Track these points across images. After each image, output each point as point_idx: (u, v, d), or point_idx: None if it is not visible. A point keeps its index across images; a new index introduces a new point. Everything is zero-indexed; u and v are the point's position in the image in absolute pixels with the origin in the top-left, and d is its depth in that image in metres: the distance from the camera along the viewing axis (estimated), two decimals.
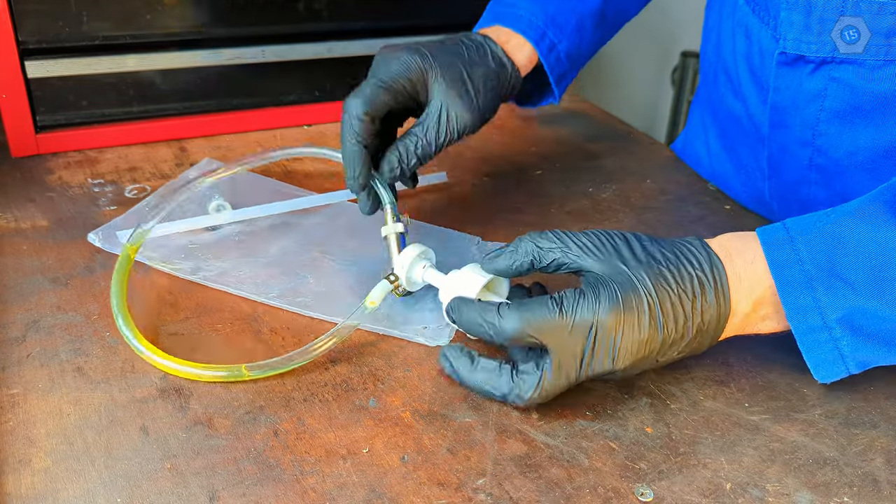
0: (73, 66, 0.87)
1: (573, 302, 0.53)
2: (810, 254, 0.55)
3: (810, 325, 0.56)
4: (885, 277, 0.54)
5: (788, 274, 0.55)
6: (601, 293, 0.53)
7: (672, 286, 0.54)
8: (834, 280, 0.54)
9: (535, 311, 0.53)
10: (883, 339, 0.55)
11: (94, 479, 0.50)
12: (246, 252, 0.73)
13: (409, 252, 0.64)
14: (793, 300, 0.55)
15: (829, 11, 0.66)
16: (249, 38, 0.94)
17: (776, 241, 0.56)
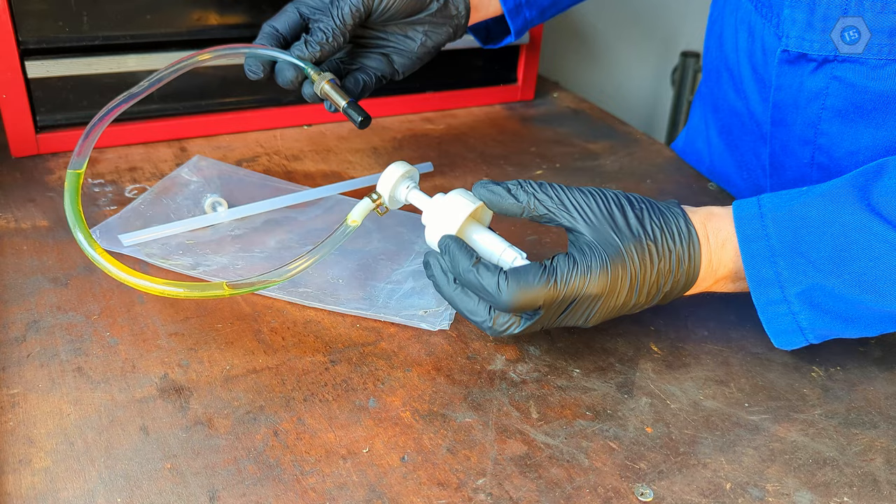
0: (73, 66, 0.87)
1: (566, 274, 0.54)
2: (777, 230, 0.57)
3: (771, 297, 0.57)
4: (844, 258, 0.55)
5: (755, 247, 0.57)
6: (592, 265, 0.55)
7: (655, 261, 0.56)
8: (797, 257, 0.56)
9: (531, 285, 0.53)
10: (840, 316, 0.57)
11: (94, 479, 0.50)
12: (244, 246, 0.73)
13: (393, 170, 0.62)
14: (756, 272, 0.57)
15: (832, 10, 0.66)
16: (249, 38, 0.94)
17: (748, 215, 0.58)
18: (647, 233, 0.56)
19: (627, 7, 1.60)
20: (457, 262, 0.55)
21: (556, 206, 0.57)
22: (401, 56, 0.74)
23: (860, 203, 0.55)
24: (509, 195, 0.57)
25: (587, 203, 0.57)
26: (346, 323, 0.65)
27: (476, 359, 0.62)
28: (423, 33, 0.73)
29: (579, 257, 0.55)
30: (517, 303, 0.53)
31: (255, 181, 0.84)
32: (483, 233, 0.59)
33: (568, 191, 0.57)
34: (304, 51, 0.68)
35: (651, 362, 0.63)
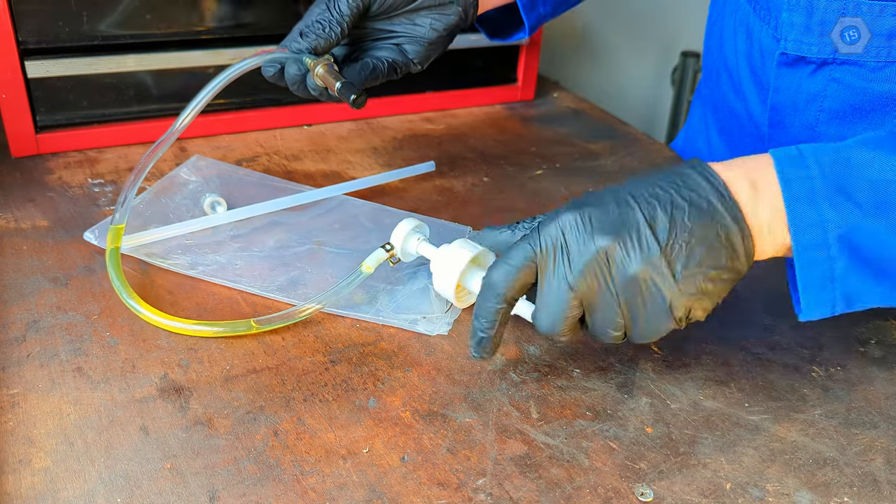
0: (73, 66, 0.87)
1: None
2: (820, 170, 0.54)
3: (811, 240, 0.53)
4: (890, 201, 0.52)
5: (796, 188, 0.54)
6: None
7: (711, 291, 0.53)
8: (840, 197, 0.53)
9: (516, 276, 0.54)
10: (876, 266, 0.54)
11: (94, 479, 0.50)
12: (243, 246, 0.73)
13: (404, 225, 0.66)
14: (798, 213, 0.53)
15: (831, 13, 0.66)
16: (249, 38, 0.94)
17: (788, 157, 0.55)
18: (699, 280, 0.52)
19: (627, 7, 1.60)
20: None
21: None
22: (412, 44, 0.72)
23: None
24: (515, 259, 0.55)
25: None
26: (346, 323, 0.65)
27: (476, 359, 0.62)
28: (430, 17, 0.72)
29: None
30: (506, 288, 0.54)
31: (255, 181, 0.84)
32: (482, 277, 0.62)
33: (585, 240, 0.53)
34: (300, 41, 0.67)
35: (651, 362, 0.63)
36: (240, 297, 0.67)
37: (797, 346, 0.66)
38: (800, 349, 0.65)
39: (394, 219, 0.78)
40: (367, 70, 0.71)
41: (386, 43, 0.72)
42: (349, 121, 1.03)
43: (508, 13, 0.82)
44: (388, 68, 0.71)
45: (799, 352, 0.65)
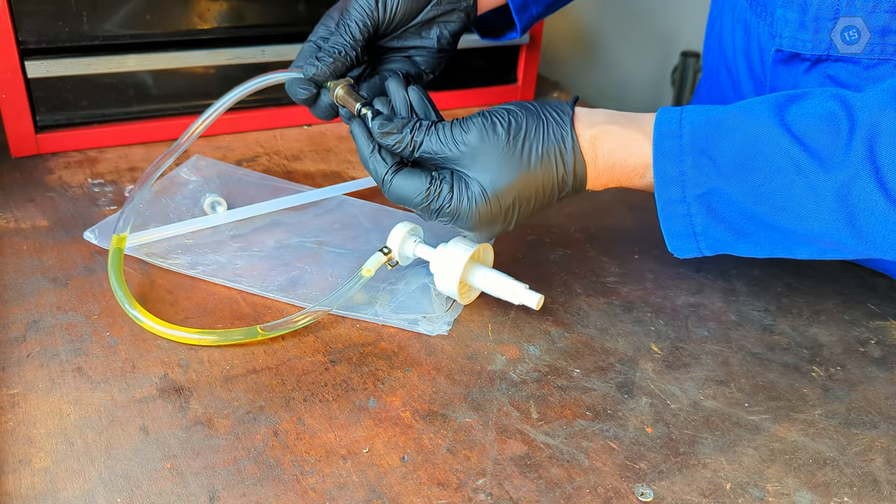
0: (73, 66, 0.87)
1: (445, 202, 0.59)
2: (690, 130, 0.58)
3: (671, 196, 0.58)
4: (747, 166, 0.55)
5: (666, 144, 0.58)
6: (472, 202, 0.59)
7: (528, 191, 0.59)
8: (703, 157, 0.57)
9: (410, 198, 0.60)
10: (733, 227, 0.58)
11: (94, 479, 0.50)
12: (243, 246, 0.73)
13: (399, 229, 0.67)
14: (662, 168, 0.58)
15: (825, 10, 0.66)
16: (249, 38, 0.94)
17: (668, 118, 0.59)
18: (527, 168, 0.58)
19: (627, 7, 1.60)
20: (358, 146, 0.62)
21: (435, 154, 0.59)
22: (422, 55, 0.73)
23: (774, 118, 0.56)
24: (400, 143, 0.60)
25: (466, 139, 0.59)
26: (346, 323, 0.65)
27: (476, 359, 0.62)
28: (437, 28, 0.73)
29: (458, 191, 0.59)
30: (394, 201, 0.61)
31: (254, 180, 0.84)
32: (485, 272, 0.65)
33: (448, 131, 0.59)
34: (317, 66, 0.67)
35: (651, 362, 0.63)
36: (240, 296, 0.67)
37: (797, 346, 0.66)
38: (800, 349, 0.65)
39: (393, 219, 0.78)
40: (383, 82, 0.71)
41: (398, 56, 0.73)
42: None
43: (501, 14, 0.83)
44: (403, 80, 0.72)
45: (799, 352, 0.65)
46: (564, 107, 0.61)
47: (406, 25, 0.71)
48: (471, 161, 0.59)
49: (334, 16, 0.69)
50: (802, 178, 0.54)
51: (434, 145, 0.59)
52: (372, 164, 0.61)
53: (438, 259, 0.65)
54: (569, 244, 0.78)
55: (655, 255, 0.77)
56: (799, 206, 0.55)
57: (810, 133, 0.54)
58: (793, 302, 0.71)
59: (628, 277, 0.73)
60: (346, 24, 0.68)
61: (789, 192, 0.55)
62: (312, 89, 0.68)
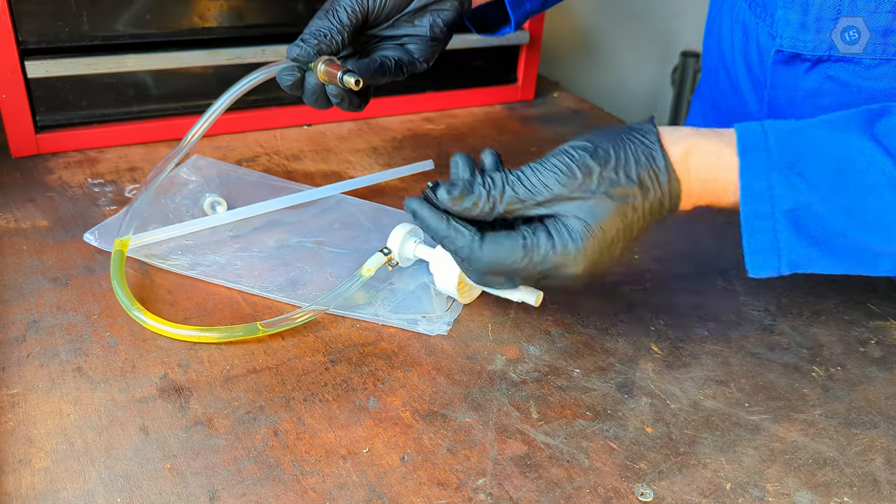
0: (73, 66, 0.87)
1: (543, 255, 0.55)
2: (778, 144, 0.56)
3: (758, 210, 0.56)
4: (840, 182, 0.54)
5: (752, 158, 0.56)
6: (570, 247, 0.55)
7: (631, 215, 0.55)
8: (792, 173, 0.55)
9: (506, 257, 0.55)
10: (820, 243, 0.56)
11: (94, 479, 0.50)
12: (243, 246, 0.73)
13: (399, 230, 0.67)
14: (749, 183, 0.56)
15: (826, 10, 0.66)
16: (249, 38, 0.94)
17: (750, 130, 0.57)
18: (621, 195, 0.55)
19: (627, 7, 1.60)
20: (428, 226, 0.57)
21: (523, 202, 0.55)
22: (415, 43, 0.73)
23: (864, 133, 0.54)
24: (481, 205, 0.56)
25: (551, 182, 0.55)
26: (346, 323, 0.65)
27: (476, 359, 0.62)
28: (429, 16, 0.72)
29: (558, 239, 0.55)
30: (487, 271, 0.56)
31: (254, 180, 0.84)
32: None
33: (528, 177, 0.56)
34: (301, 47, 0.67)
35: (651, 362, 0.63)
36: (240, 297, 0.67)
37: (797, 346, 0.66)
38: (800, 349, 0.65)
39: (393, 218, 0.78)
40: (374, 65, 0.70)
41: (390, 44, 0.73)
42: (349, 121, 1.03)
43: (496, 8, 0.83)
44: (395, 66, 0.72)
45: (799, 352, 0.65)
46: (647, 126, 0.57)
47: (398, 14, 0.71)
48: (564, 200, 0.55)
49: (327, 6, 0.69)
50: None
51: (521, 193, 0.55)
52: (451, 238, 0.56)
53: (438, 258, 0.65)
54: None
55: (655, 255, 0.77)
56: (892, 223, 0.53)
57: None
58: (793, 302, 0.71)
59: (628, 277, 0.73)
60: (335, 9, 0.68)
61: (884, 208, 0.53)
62: (297, 73, 0.68)
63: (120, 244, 0.67)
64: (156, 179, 0.71)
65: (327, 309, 0.63)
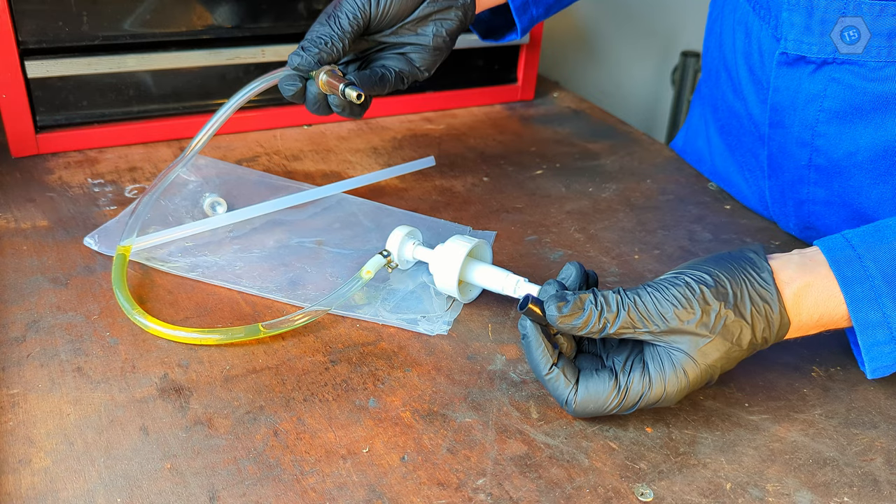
0: (73, 66, 0.87)
1: (638, 389, 0.53)
2: (878, 268, 0.54)
3: (878, 339, 0.55)
4: None
5: (858, 290, 0.55)
6: (668, 378, 0.53)
7: (733, 356, 0.54)
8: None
9: (600, 399, 0.53)
10: None
11: (94, 479, 0.50)
12: (243, 246, 0.73)
13: (397, 233, 0.67)
14: (862, 316, 0.55)
15: (831, 13, 0.66)
16: (249, 38, 0.94)
17: (844, 258, 0.55)
18: (734, 340, 0.53)
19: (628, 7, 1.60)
20: (533, 365, 0.54)
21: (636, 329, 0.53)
22: (417, 52, 0.73)
23: None
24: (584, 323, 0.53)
25: (669, 314, 0.52)
26: (346, 323, 0.65)
27: (476, 359, 0.62)
28: (433, 25, 0.72)
29: (656, 375, 0.53)
30: (583, 415, 0.54)
31: (254, 179, 0.84)
32: (482, 268, 0.65)
33: (645, 303, 0.53)
34: (301, 55, 0.67)
35: None
36: (240, 297, 0.67)
37: (797, 346, 0.66)
38: (800, 349, 0.65)
39: (393, 218, 0.78)
40: (375, 77, 0.70)
41: (392, 53, 0.73)
42: (349, 121, 1.03)
43: (500, 14, 0.83)
44: (396, 77, 0.72)
45: (799, 352, 0.65)
46: (761, 262, 0.55)
47: (401, 22, 0.71)
48: (677, 333, 0.52)
49: (328, 11, 0.69)
50: None
51: (636, 319, 0.52)
52: (552, 385, 0.54)
53: (437, 258, 0.65)
54: (569, 244, 0.78)
55: (655, 254, 0.77)
56: None
57: None
58: None
59: (628, 277, 0.73)
60: (337, 16, 0.67)
61: None
62: (298, 83, 0.68)
63: (122, 250, 0.67)
64: (156, 188, 0.71)
65: (328, 310, 0.63)
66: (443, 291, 0.66)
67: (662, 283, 0.54)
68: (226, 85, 0.95)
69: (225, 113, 0.71)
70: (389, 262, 0.67)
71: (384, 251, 0.67)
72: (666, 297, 0.53)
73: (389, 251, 0.67)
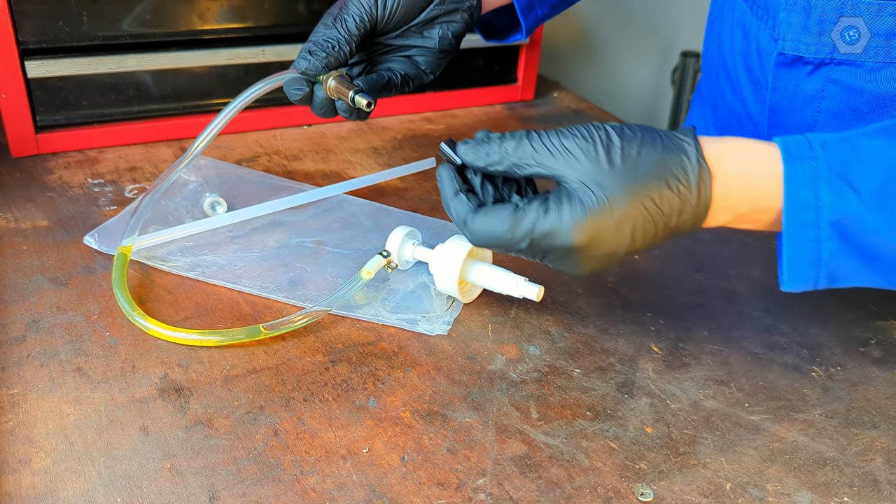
0: (73, 66, 0.87)
1: (534, 222, 0.53)
2: (825, 154, 0.53)
3: (802, 220, 0.53)
4: (891, 192, 0.52)
5: (799, 167, 0.53)
6: (565, 216, 0.52)
7: (648, 205, 0.52)
8: (841, 183, 0.53)
9: (495, 229, 0.54)
10: (865, 254, 0.54)
11: (94, 479, 0.50)
12: (243, 246, 0.73)
13: (397, 233, 0.67)
14: (795, 193, 0.53)
15: (829, 12, 0.66)
16: (249, 38, 0.94)
17: (794, 141, 0.55)
18: (639, 175, 0.52)
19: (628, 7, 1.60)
20: (442, 190, 0.57)
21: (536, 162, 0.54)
22: (423, 55, 0.73)
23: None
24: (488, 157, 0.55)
25: (570, 146, 0.53)
26: (346, 323, 0.65)
27: (476, 359, 0.62)
28: (439, 28, 0.72)
29: (554, 206, 0.53)
30: (480, 242, 0.55)
31: (254, 179, 0.84)
32: (483, 268, 0.65)
33: (549, 136, 0.54)
34: (309, 60, 0.67)
35: (651, 362, 0.63)
36: (240, 297, 0.67)
37: (797, 346, 0.66)
38: (800, 349, 0.65)
39: (393, 219, 0.78)
40: (382, 81, 0.71)
41: (397, 55, 0.73)
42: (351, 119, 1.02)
43: (504, 15, 0.82)
44: (402, 81, 0.72)
45: (799, 352, 0.65)
46: (685, 128, 0.55)
47: (407, 24, 0.71)
48: (575, 168, 0.52)
49: (333, 12, 0.69)
50: None
51: (537, 148, 0.53)
52: (454, 206, 0.56)
53: (437, 258, 0.65)
54: None
55: (655, 254, 0.77)
56: None
57: None
58: (793, 302, 0.71)
59: (628, 277, 0.73)
60: (343, 18, 0.67)
61: None
62: (306, 88, 0.68)
63: (123, 251, 0.67)
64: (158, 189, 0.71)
65: (329, 311, 0.63)
66: (443, 291, 0.66)
67: (571, 127, 0.55)
68: (226, 85, 0.95)
69: (228, 114, 0.71)
70: (389, 262, 0.67)
71: (384, 251, 0.67)
72: (570, 132, 0.54)
73: (389, 251, 0.67)
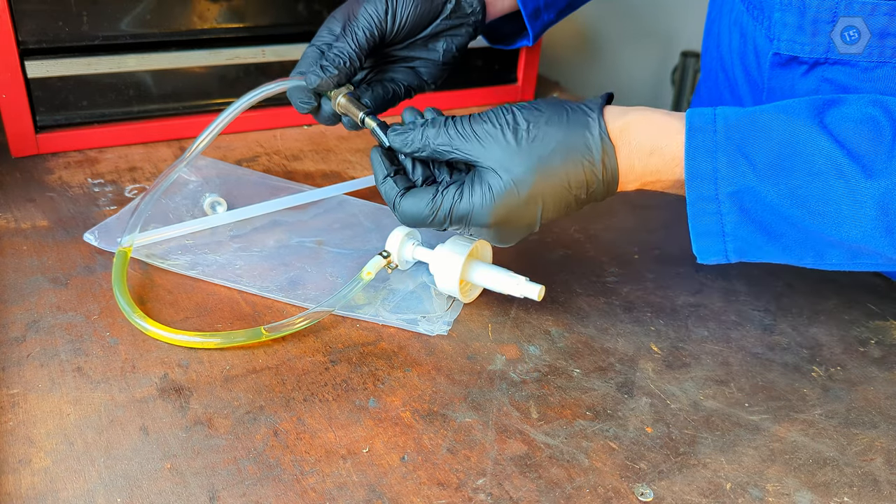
0: (73, 66, 0.87)
1: (451, 205, 0.58)
2: (725, 126, 0.56)
3: (703, 192, 0.56)
4: (785, 166, 0.54)
5: (699, 138, 0.56)
6: (476, 199, 0.57)
7: (557, 180, 0.56)
8: (738, 155, 0.55)
9: (420, 212, 0.59)
10: (765, 229, 0.56)
11: (94, 479, 0.50)
12: (243, 246, 0.73)
13: (397, 234, 0.68)
14: (694, 164, 0.56)
15: (823, 12, 0.66)
16: (249, 38, 0.94)
17: (700, 113, 0.57)
18: (544, 154, 0.56)
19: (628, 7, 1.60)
20: (374, 173, 0.61)
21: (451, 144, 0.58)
22: (427, 66, 0.73)
23: (813, 119, 0.55)
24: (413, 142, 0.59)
25: (478, 132, 0.57)
26: (346, 323, 0.65)
27: (476, 359, 0.62)
28: (444, 39, 0.73)
29: (468, 192, 0.57)
30: (408, 223, 0.60)
31: (254, 180, 0.84)
32: (484, 268, 0.65)
33: (463, 122, 0.58)
34: (322, 75, 0.67)
35: (651, 362, 0.63)
36: (239, 296, 0.67)
37: (797, 346, 0.66)
38: (800, 349, 0.65)
39: (393, 219, 0.78)
40: (388, 96, 0.72)
41: (401, 66, 0.73)
42: None
43: (510, 21, 0.82)
44: (405, 92, 0.73)
45: (799, 352, 0.65)
46: (593, 100, 0.59)
47: (414, 37, 0.71)
48: (485, 152, 0.57)
49: (339, 19, 0.69)
50: (843, 182, 0.53)
51: (443, 136, 0.58)
52: (384, 190, 0.60)
53: (437, 259, 0.65)
54: (569, 244, 0.78)
55: (655, 254, 0.77)
56: (837, 210, 0.53)
57: (851, 137, 0.53)
58: (793, 302, 0.71)
59: (628, 277, 0.73)
60: (353, 30, 0.67)
61: (828, 195, 0.53)
62: (314, 102, 0.68)
63: (123, 251, 0.67)
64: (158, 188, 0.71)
65: (331, 311, 0.63)
66: (443, 291, 0.66)
67: (485, 111, 0.59)
68: (226, 85, 0.95)
69: (229, 115, 0.71)
70: (389, 263, 0.67)
71: (384, 252, 0.67)
72: (481, 116, 0.58)
73: (389, 252, 0.67)
